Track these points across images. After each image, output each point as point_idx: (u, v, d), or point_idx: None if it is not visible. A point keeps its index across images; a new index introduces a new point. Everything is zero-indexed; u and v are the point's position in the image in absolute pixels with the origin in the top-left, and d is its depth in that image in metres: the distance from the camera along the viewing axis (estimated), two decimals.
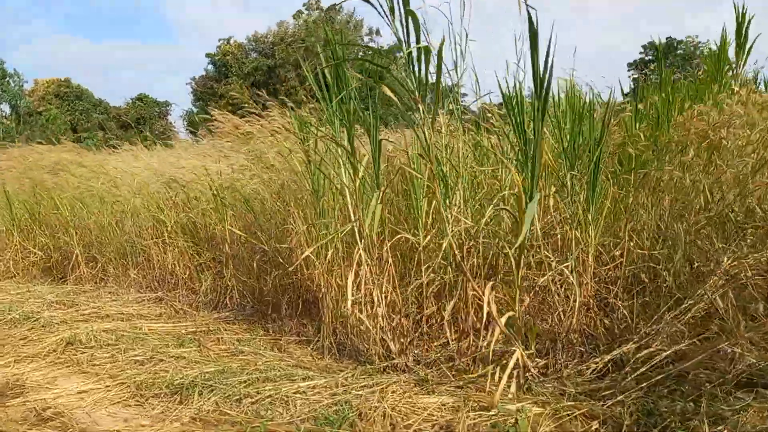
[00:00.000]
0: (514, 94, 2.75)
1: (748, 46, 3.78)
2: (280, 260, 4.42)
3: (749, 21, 3.74)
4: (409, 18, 2.45)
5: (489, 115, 3.66)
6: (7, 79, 30.05)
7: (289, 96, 30.70)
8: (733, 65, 3.82)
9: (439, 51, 2.39)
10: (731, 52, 3.81)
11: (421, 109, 2.61)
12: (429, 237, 3.35)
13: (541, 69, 2.41)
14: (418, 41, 2.44)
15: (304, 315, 4.44)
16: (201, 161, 5.79)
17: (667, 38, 34.49)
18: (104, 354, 3.46)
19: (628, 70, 36.44)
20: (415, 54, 2.52)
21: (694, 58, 33.13)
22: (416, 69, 2.52)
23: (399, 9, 2.48)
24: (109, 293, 5.22)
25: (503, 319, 2.54)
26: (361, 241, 3.28)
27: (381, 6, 2.51)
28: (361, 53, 35.07)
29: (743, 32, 3.75)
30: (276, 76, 29.91)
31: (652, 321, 2.75)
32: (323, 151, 3.61)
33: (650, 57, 34.87)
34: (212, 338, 3.91)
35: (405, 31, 2.47)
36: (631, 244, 3.12)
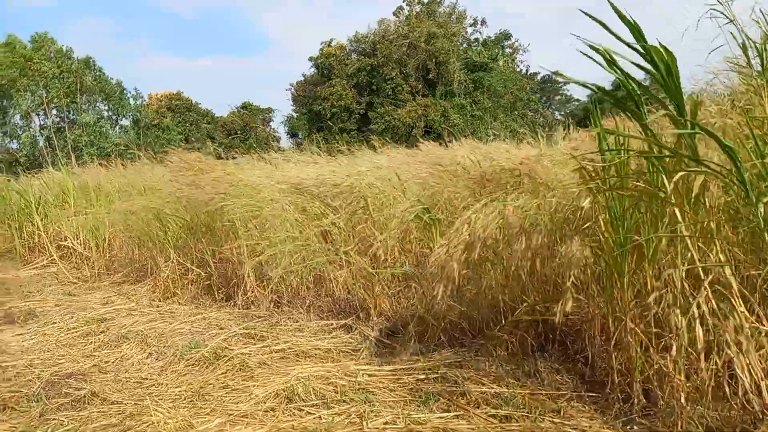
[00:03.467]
0: None
1: None
2: (522, 276, 3.44)
3: None
4: None
5: None
6: (127, 97, 32.72)
7: (395, 94, 29.83)
8: None
9: None
10: None
11: None
12: None
13: None
14: None
15: (545, 355, 3.45)
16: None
17: None
18: (341, 419, 2.63)
19: None
20: None
21: None
22: None
23: None
24: (288, 319, 4.48)
25: None
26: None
27: None
28: (464, 45, 33.69)
29: None
30: (379, 75, 29.22)
31: None
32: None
33: None
34: (454, 392, 2.99)
35: None
36: None
